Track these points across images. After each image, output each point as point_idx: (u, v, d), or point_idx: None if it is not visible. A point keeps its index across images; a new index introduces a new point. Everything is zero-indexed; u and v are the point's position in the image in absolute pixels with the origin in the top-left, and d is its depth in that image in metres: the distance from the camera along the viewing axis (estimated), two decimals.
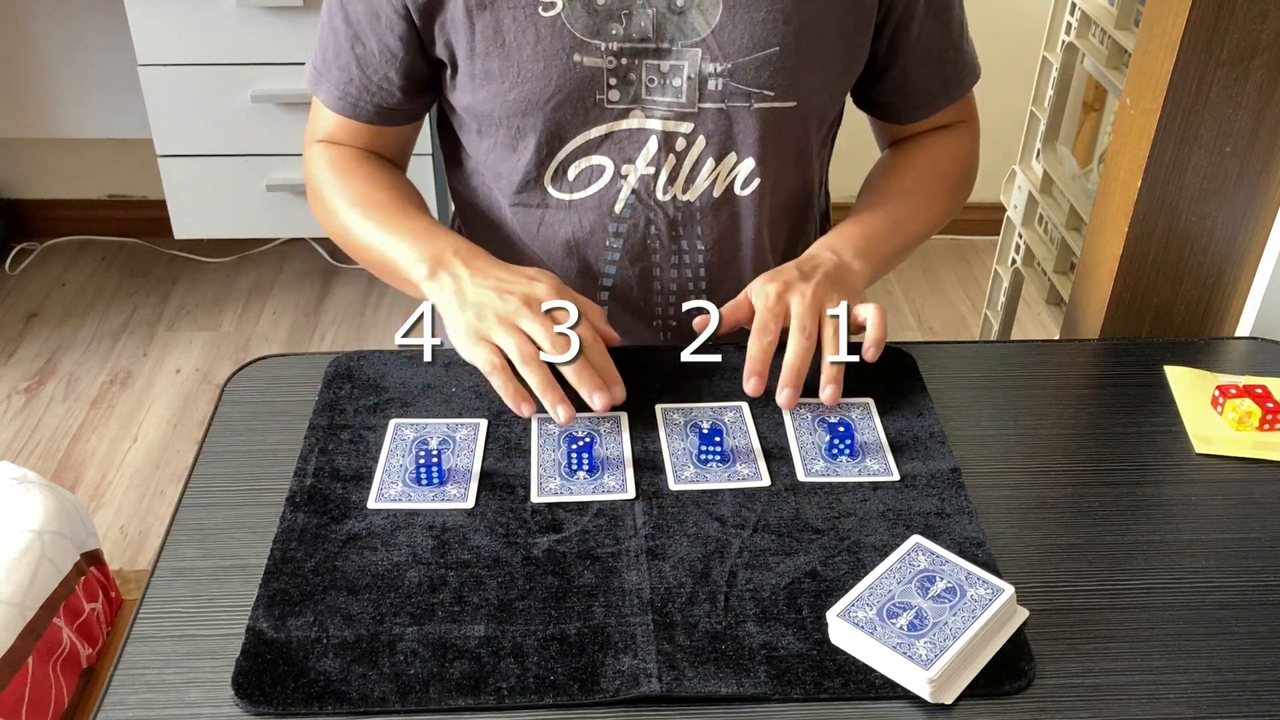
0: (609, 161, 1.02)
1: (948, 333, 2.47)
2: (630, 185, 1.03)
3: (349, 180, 1.05)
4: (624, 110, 0.99)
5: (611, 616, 0.73)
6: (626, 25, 0.96)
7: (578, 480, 0.84)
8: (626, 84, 0.98)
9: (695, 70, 0.98)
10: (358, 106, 1.04)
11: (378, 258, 1.00)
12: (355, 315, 2.53)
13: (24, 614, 1.20)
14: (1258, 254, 1.17)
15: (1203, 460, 0.88)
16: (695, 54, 0.97)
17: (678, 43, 0.97)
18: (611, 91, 0.98)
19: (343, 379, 0.93)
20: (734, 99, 0.99)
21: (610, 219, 1.04)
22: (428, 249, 0.95)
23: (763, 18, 0.96)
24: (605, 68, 0.97)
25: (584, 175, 1.03)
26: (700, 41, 0.97)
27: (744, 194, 1.04)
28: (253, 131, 2.12)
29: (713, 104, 0.99)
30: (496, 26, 0.96)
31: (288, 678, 0.69)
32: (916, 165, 1.12)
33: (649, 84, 0.98)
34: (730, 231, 1.06)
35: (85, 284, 2.60)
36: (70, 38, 2.35)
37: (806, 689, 0.69)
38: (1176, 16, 1.08)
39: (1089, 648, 0.72)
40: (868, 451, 0.86)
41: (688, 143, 1.01)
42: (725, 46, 0.97)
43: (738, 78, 0.98)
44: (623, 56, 0.97)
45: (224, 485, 0.84)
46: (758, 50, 0.97)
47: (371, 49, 1.00)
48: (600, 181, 1.03)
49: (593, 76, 0.97)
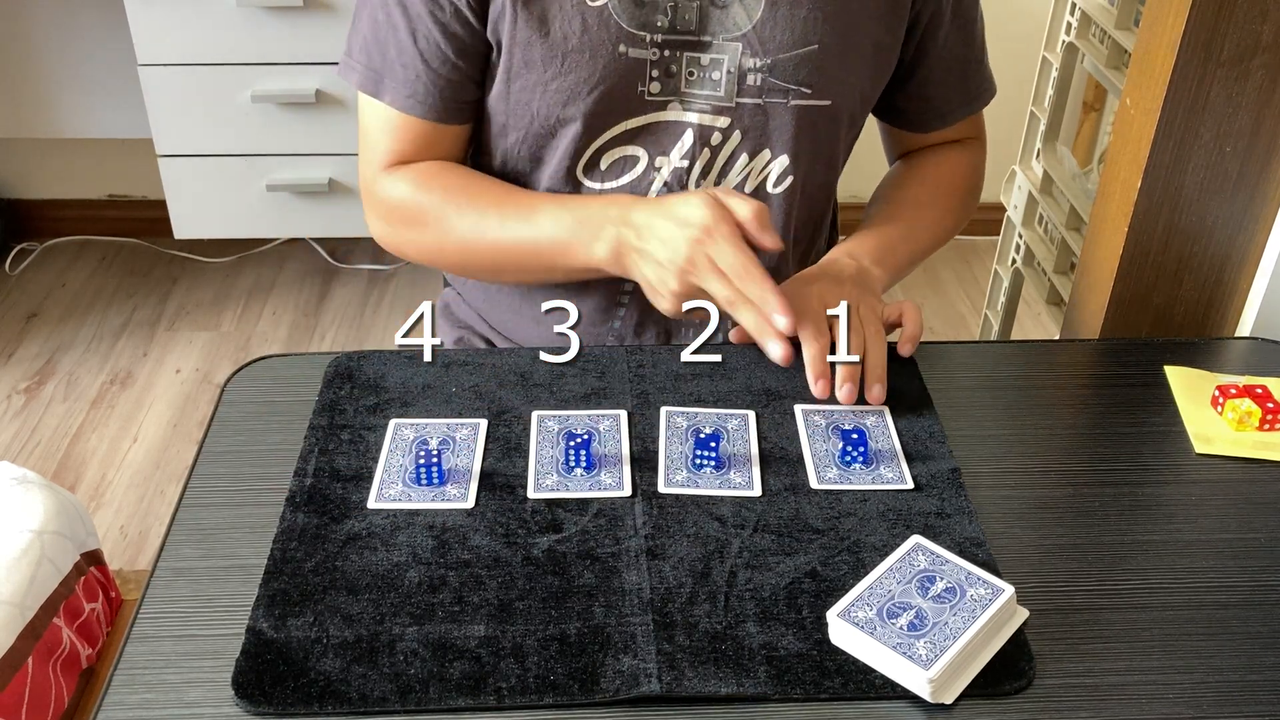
0: (643, 153, 1.02)
1: (948, 333, 2.47)
2: (663, 178, 1.03)
3: (453, 193, 1.02)
4: (663, 102, 1.00)
5: (611, 616, 0.73)
6: (671, 17, 0.96)
7: (575, 477, 0.84)
8: (668, 76, 0.98)
9: (735, 65, 0.98)
10: (427, 103, 1.01)
11: (520, 259, 1.00)
12: (355, 315, 2.53)
13: (24, 614, 1.20)
14: (1258, 254, 1.17)
15: (1203, 460, 0.88)
16: (736, 48, 0.98)
17: (719, 36, 0.97)
18: (653, 84, 0.98)
19: (343, 379, 0.93)
20: (772, 95, 0.99)
21: None
22: (585, 229, 0.95)
23: (804, 15, 0.97)
24: (649, 59, 0.97)
25: (617, 165, 1.03)
26: (741, 36, 0.97)
27: (775, 192, 1.05)
28: (253, 131, 2.12)
29: (750, 99, 1.00)
30: (543, 16, 0.95)
31: (288, 678, 0.69)
32: (928, 178, 1.13)
33: (689, 77, 0.99)
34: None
35: (85, 284, 2.60)
36: (70, 38, 2.35)
37: (806, 689, 0.69)
38: (1176, 16, 1.08)
39: (1089, 648, 0.72)
40: (881, 459, 0.86)
41: (723, 138, 1.01)
42: (766, 42, 0.97)
43: (777, 74, 0.98)
44: (666, 49, 0.97)
45: (224, 485, 0.84)
46: (798, 47, 0.97)
47: (435, 40, 0.97)
48: (634, 172, 1.03)
49: (637, 68, 0.97)
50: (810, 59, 0.98)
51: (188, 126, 2.12)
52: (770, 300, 0.85)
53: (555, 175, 1.04)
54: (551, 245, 0.98)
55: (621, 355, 0.96)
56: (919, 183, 1.13)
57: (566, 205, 0.99)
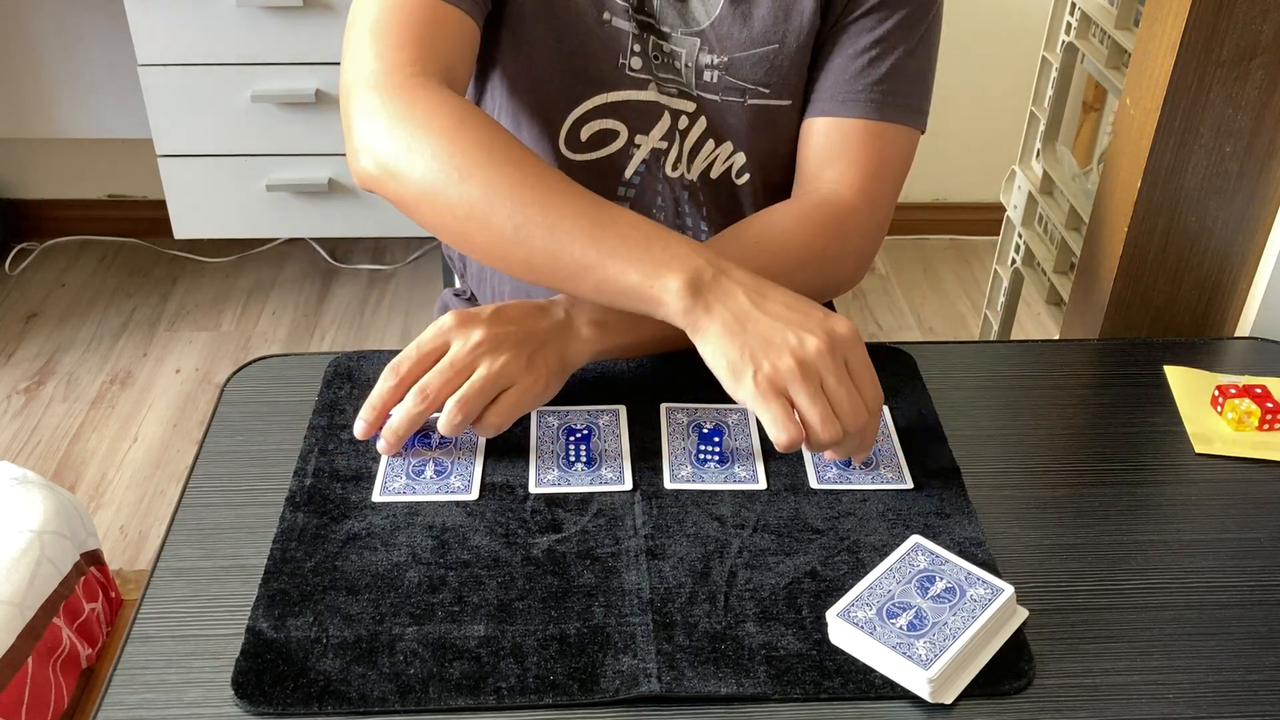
0: (623, 127, 1.02)
1: (948, 333, 2.47)
2: (642, 155, 1.03)
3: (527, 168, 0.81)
4: (643, 80, 1.00)
5: (611, 616, 0.73)
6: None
7: (575, 472, 0.84)
8: (645, 56, 0.99)
9: (693, 60, 0.98)
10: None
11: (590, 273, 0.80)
12: (355, 315, 2.53)
13: (24, 614, 1.20)
14: (1258, 254, 1.17)
15: (1202, 460, 0.88)
16: (694, 43, 0.98)
17: (678, 30, 0.97)
18: (634, 59, 0.98)
19: (343, 379, 0.93)
20: (729, 93, 0.99)
21: (620, 184, 1.04)
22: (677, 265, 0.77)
23: (762, 14, 0.96)
24: (631, 33, 0.97)
25: (596, 137, 1.02)
26: (699, 32, 0.97)
27: (739, 183, 1.05)
28: (253, 131, 2.12)
29: (708, 94, 1.00)
30: None
31: (288, 678, 0.69)
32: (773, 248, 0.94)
33: (656, 61, 0.99)
34: (731, 216, 1.07)
35: (85, 284, 2.60)
36: (70, 38, 2.35)
37: (806, 689, 0.69)
38: (1176, 16, 1.08)
39: (1089, 648, 0.72)
40: (882, 460, 0.86)
41: (689, 122, 1.01)
42: (724, 40, 0.97)
43: (734, 72, 0.98)
44: (641, 29, 0.97)
45: (224, 485, 0.84)
46: (756, 46, 0.97)
47: None
48: (613, 145, 1.03)
49: (619, 39, 0.97)
50: (768, 58, 0.98)
51: (188, 126, 2.12)
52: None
53: (537, 142, 1.03)
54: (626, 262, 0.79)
55: None
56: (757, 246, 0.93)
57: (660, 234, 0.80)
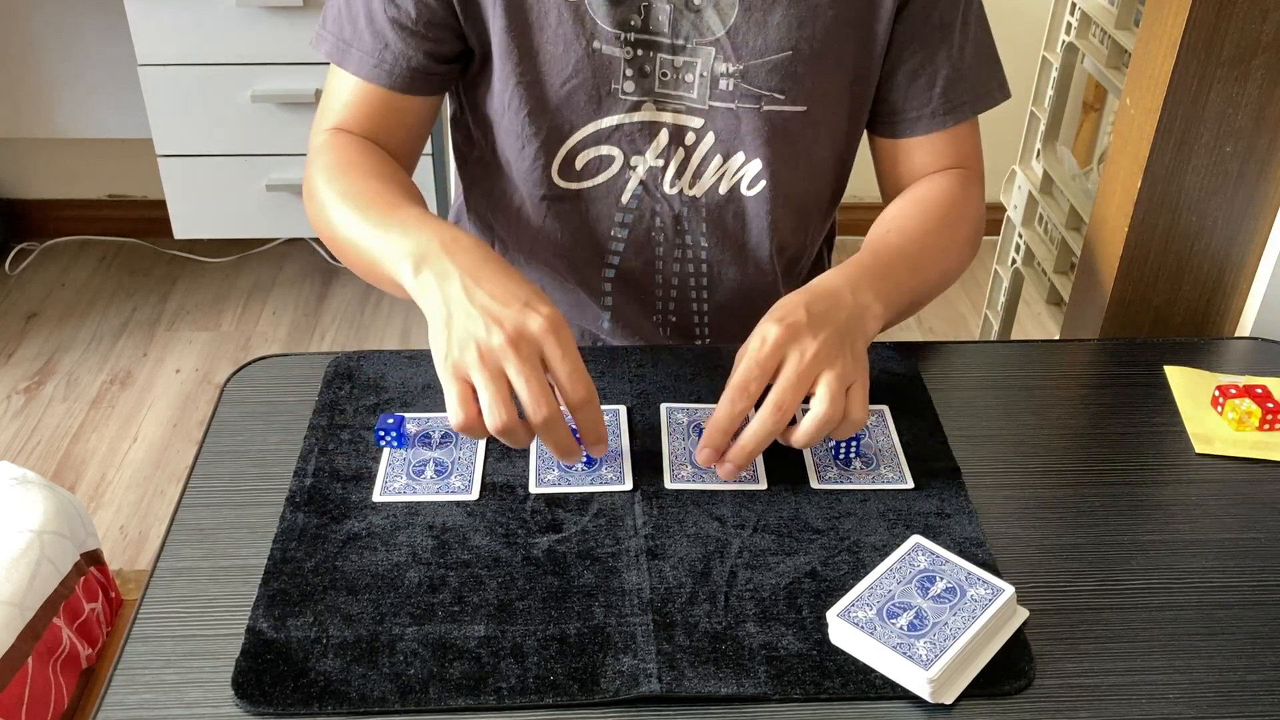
0: (618, 152, 1.01)
1: (948, 333, 2.47)
2: (639, 177, 1.02)
3: (346, 173, 0.96)
4: (637, 102, 0.99)
5: (611, 616, 0.73)
6: (645, 18, 0.96)
7: (576, 472, 0.84)
8: (642, 76, 0.98)
9: (708, 69, 0.98)
10: (393, 73, 0.98)
11: (364, 257, 0.91)
12: (355, 315, 2.53)
13: (24, 614, 1.20)
14: (1258, 254, 1.18)
15: (1203, 460, 0.88)
16: (709, 53, 0.97)
17: (692, 40, 0.97)
18: (627, 83, 0.98)
19: (343, 379, 0.93)
20: (744, 100, 0.99)
21: (616, 209, 1.04)
22: (412, 242, 0.85)
23: (778, 21, 0.96)
24: (623, 58, 0.97)
25: (592, 165, 1.02)
26: (714, 41, 0.97)
27: (750, 194, 1.04)
28: (253, 131, 2.12)
29: (723, 103, 0.99)
30: (520, 4, 0.95)
31: (288, 678, 0.69)
32: (927, 209, 1.01)
33: (662, 78, 0.98)
34: (735, 230, 1.06)
35: (85, 284, 2.60)
36: (70, 38, 2.35)
37: (806, 689, 0.69)
38: (1176, 16, 1.08)
39: (1089, 648, 0.72)
40: (882, 459, 0.86)
41: (697, 138, 1.01)
42: (739, 48, 0.97)
43: (749, 79, 0.98)
44: (639, 48, 0.97)
45: (224, 485, 0.84)
46: (772, 53, 0.97)
47: (407, 9, 0.96)
48: (609, 171, 1.03)
49: (610, 65, 0.97)
50: (783, 65, 0.97)
51: (188, 126, 2.12)
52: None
53: (531, 174, 1.03)
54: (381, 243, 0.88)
55: (621, 354, 0.96)
56: (919, 213, 1.00)
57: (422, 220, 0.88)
